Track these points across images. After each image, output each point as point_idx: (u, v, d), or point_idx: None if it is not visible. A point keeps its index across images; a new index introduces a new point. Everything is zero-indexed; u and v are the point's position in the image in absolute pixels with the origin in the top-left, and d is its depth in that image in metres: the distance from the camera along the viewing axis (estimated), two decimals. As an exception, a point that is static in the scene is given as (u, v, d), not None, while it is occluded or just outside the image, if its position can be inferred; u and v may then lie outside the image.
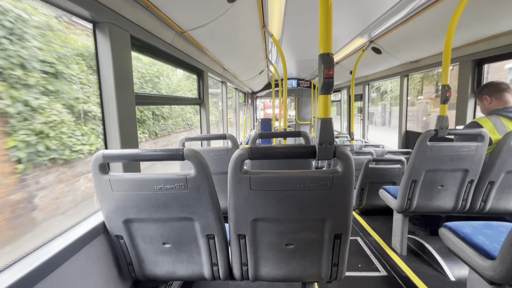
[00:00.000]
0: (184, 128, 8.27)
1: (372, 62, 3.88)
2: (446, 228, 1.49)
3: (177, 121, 7.97)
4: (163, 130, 6.95)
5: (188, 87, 8.40)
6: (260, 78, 6.41)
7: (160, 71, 6.63)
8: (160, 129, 6.80)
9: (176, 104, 2.98)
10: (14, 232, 2.55)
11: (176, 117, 7.85)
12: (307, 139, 1.92)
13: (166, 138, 7.07)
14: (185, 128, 8.29)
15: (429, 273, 1.95)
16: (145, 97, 1.76)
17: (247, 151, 0.94)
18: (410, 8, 2.13)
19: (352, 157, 0.92)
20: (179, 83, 8.10)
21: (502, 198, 1.88)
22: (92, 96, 3.68)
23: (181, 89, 8.02)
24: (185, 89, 8.28)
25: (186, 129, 8.38)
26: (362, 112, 5.42)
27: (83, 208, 3.49)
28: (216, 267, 1.17)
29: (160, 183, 0.98)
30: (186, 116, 8.45)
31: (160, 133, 6.76)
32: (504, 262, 1.06)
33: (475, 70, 2.52)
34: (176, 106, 7.54)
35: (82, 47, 3.59)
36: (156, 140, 6.58)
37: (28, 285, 0.80)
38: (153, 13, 1.48)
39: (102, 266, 1.13)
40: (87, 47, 3.64)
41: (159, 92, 6.57)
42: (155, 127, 6.57)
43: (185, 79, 8.41)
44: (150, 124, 6.25)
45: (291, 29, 2.98)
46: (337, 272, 1.12)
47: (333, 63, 0.89)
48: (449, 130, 1.76)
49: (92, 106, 3.70)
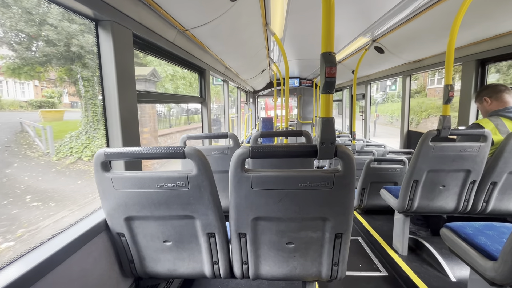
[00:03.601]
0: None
1: (375, 62, 3.86)
2: (447, 228, 1.49)
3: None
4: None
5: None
6: (262, 77, 6.40)
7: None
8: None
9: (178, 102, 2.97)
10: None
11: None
12: (308, 138, 1.92)
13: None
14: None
15: (430, 273, 1.95)
16: (147, 95, 1.77)
17: (248, 150, 0.94)
18: (414, 7, 2.11)
19: (353, 157, 0.92)
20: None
21: (504, 199, 1.87)
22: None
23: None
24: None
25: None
26: (364, 112, 5.41)
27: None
28: (216, 265, 1.17)
29: (161, 181, 0.98)
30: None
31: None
32: (505, 263, 1.05)
33: (478, 70, 2.50)
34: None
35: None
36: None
37: (30, 282, 0.81)
38: (155, 11, 1.48)
39: (103, 264, 1.14)
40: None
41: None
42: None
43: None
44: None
45: (293, 28, 2.97)
46: (338, 271, 1.12)
47: (335, 62, 0.89)
48: (452, 130, 1.75)
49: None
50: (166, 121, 10.77)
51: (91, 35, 5.51)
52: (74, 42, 5.44)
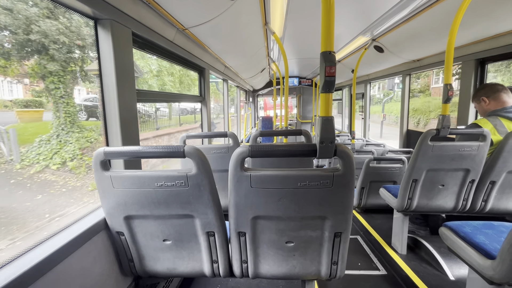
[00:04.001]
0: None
1: (374, 61, 3.86)
2: (446, 227, 1.49)
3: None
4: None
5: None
6: (262, 76, 6.39)
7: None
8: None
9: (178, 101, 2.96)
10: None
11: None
12: (308, 137, 1.92)
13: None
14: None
15: (429, 272, 1.95)
16: (147, 94, 1.77)
17: (248, 149, 0.94)
18: (413, 7, 2.11)
19: (353, 156, 0.92)
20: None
21: (503, 198, 1.87)
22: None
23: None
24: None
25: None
26: (363, 111, 5.41)
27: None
28: (216, 264, 1.17)
29: (161, 180, 0.98)
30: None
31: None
32: (504, 262, 1.06)
33: (477, 69, 2.51)
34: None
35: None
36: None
37: (30, 281, 0.81)
38: (154, 10, 1.48)
39: (103, 262, 1.14)
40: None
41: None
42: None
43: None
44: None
45: (293, 27, 2.97)
46: (337, 270, 1.13)
47: (334, 61, 0.89)
48: (451, 130, 1.76)
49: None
50: (153, 122, 9.90)
51: (57, 21, 4.86)
52: (34, 29, 4.61)
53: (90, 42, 5.84)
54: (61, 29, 5.14)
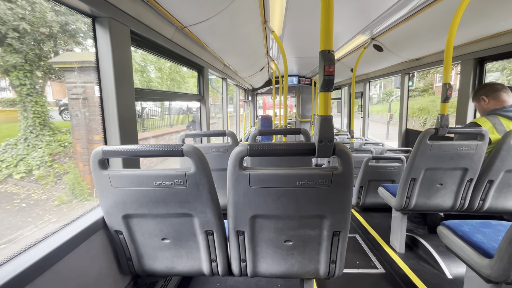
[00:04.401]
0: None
1: (373, 60, 3.86)
2: (444, 226, 1.50)
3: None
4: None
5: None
6: (261, 75, 6.38)
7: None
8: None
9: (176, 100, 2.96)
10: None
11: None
12: (307, 136, 1.92)
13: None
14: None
15: (427, 270, 1.96)
16: (145, 93, 1.76)
17: (247, 148, 0.94)
18: (412, 6, 2.11)
19: (351, 155, 0.92)
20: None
21: (501, 197, 1.88)
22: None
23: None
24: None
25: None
26: (362, 110, 5.41)
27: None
28: (215, 263, 1.17)
29: (159, 179, 0.98)
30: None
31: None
32: (501, 261, 1.06)
33: (476, 68, 2.51)
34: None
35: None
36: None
37: (28, 279, 0.81)
38: (153, 8, 1.47)
39: (101, 261, 1.14)
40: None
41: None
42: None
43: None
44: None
45: (292, 26, 2.96)
46: (335, 269, 1.13)
47: (334, 60, 0.89)
48: (450, 129, 1.76)
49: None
50: (139, 122, 8.51)
51: (14, 4, 4.10)
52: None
53: (57, 31, 5.08)
54: (20, 13, 4.27)
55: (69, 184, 4.65)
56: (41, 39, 4.90)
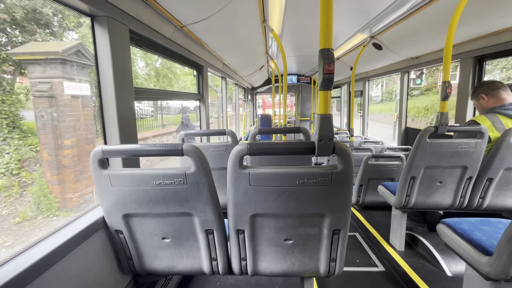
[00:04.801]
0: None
1: (373, 58, 3.86)
2: (444, 224, 1.50)
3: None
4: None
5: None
6: (260, 74, 6.37)
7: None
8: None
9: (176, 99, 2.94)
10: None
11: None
12: (306, 135, 1.92)
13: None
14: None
15: (427, 268, 1.97)
16: (145, 92, 1.76)
17: (247, 147, 0.94)
18: (412, 4, 2.11)
19: (351, 154, 0.92)
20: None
21: (500, 195, 1.89)
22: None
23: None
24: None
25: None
26: (362, 109, 5.42)
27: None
28: (215, 262, 1.18)
29: (159, 178, 0.98)
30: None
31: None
32: (500, 258, 1.07)
33: (476, 66, 2.51)
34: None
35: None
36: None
37: (28, 279, 0.81)
38: (152, 7, 1.46)
39: (102, 261, 1.14)
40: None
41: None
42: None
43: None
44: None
45: (292, 24, 2.96)
46: (335, 267, 1.13)
47: (333, 59, 0.89)
48: (449, 127, 1.76)
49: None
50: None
51: None
52: None
53: (21, 17, 4.32)
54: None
55: (34, 197, 3.97)
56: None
